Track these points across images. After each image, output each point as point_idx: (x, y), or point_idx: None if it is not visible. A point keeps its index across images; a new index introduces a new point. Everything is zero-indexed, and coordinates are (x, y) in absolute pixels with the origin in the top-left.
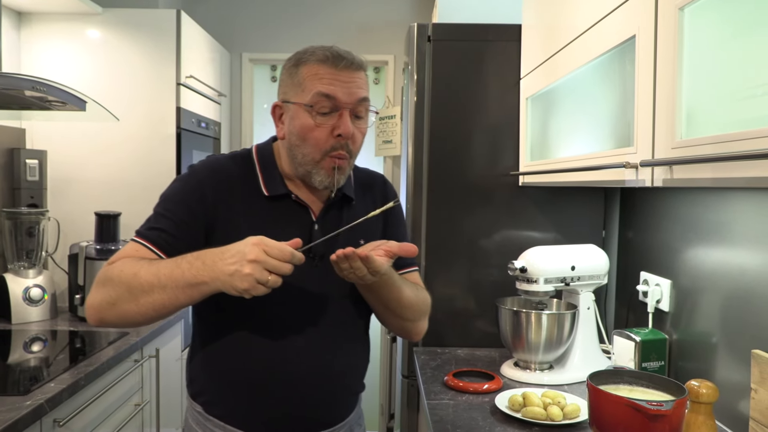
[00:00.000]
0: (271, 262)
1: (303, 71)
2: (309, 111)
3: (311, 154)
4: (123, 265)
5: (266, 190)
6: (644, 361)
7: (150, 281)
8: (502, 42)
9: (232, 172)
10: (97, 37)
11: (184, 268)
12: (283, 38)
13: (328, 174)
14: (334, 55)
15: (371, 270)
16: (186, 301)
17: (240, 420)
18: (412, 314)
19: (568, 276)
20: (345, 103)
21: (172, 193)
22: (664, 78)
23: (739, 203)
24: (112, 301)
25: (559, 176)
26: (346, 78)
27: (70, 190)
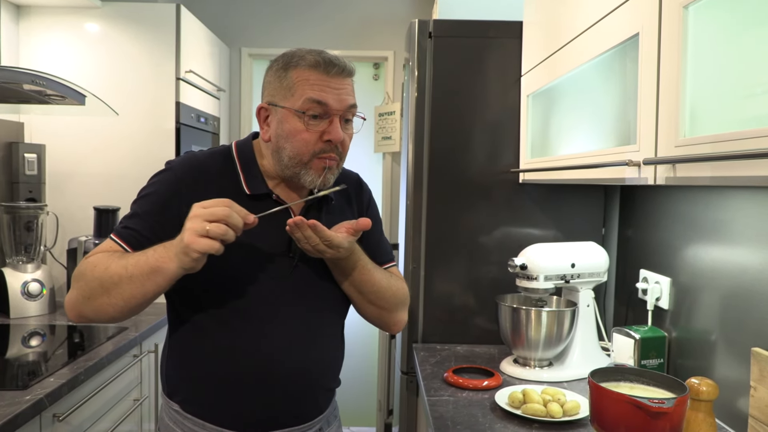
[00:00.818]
0: (210, 210)
1: (293, 75)
2: (300, 116)
3: (300, 156)
4: (96, 260)
5: (248, 188)
6: (643, 359)
7: (119, 273)
8: (503, 39)
9: (211, 169)
10: (97, 31)
11: (149, 255)
12: (283, 33)
13: (318, 173)
14: (325, 61)
15: (324, 240)
16: (154, 289)
17: (217, 417)
18: (387, 302)
19: (568, 273)
20: (336, 109)
21: (148, 191)
22: (668, 76)
23: (739, 201)
24: (87, 295)
25: (560, 174)
26: (337, 85)
27: (68, 184)
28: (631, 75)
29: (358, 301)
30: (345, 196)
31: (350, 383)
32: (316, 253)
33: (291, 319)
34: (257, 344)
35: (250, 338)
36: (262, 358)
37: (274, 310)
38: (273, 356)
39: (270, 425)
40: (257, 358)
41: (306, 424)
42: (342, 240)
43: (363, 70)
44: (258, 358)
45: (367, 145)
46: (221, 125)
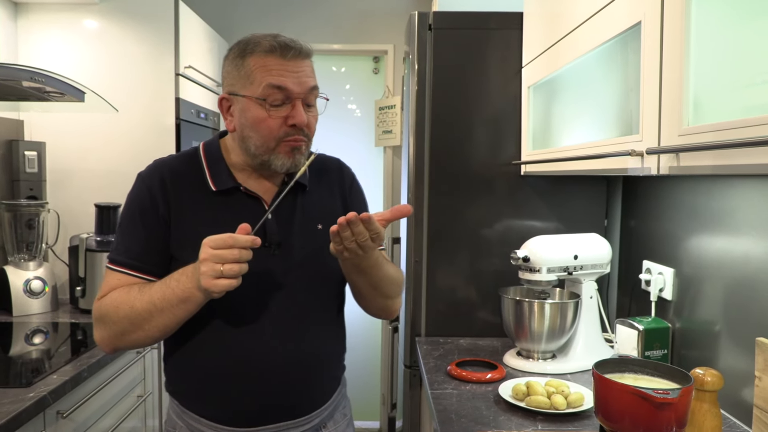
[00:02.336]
0: (218, 253)
1: (250, 62)
2: (261, 104)
3: (266, 143)
4: (114, 301)
5: (213, 185)
6: (647, 350)
7: (148, 309)
8: (503, 30)
9: (178, 171)
10: (95, 27)
11: (173, 287)
12: (282, 28)
13: (287, 156)
14: (281, 45)
15: (372, 234)
16: (185, 316)
17: (210, 413)
18: (394, 291)
19: (570, 265)
20: (297, 93)
21: (127, 209)
22: (671, 65)
23: (743, 190)
24: (119, 333)
25: (562, 165)
26: (295, 68)
27: (69, 181)
28: (632, 65)
29: (368, 296)
30: (324, 181)
31: (353, 377)
32: (356, 251)
33: (275, 311)
34: (241, 338)
35: (234, 333)
36: (246, 352)
37: (255, 302)
38: (258, 350)
39: (263, 420)
40: (242, 352)
41: (301, 419)
42: (383, 233)
43: (363, 64)
44: (243, 352)
45: (368, 140)
46: (221, 121)
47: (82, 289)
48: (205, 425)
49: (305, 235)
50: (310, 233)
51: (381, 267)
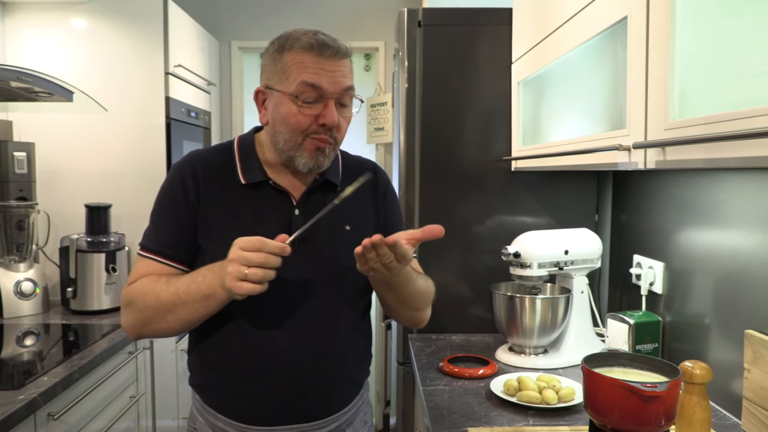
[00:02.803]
0: (246, 255)
1: (287, 58)
2: (294, 100)
3: (293, 138)
4: (143, 288)
5: (243, 178)
6: (638, 344)
7: (172, 300)
8: (493, 26)
9: (211, 163)
10: (83, 26)
11: (198, 281)
12: (273, 25)
13: (311, 156)
14: (319, 43)
15: (398, 256)
16: (207, 312)
17: (228, 410)
18: (424, 304)
19: (561, 260)
20: (330, 92)
21: (161, 197)
22: (657, 59)
23: (731, 184)
24: (144, 321)
25: (552, 160)
26: (332, 67)
27: (59, 182)
28: (621, 59)
29: (396, 308)
30: None
31: None
32: (382, 270)
33: (295, 310)
34: (259, 336)
35: (253, 330)
36: (264, 350)
37: (276, 300)
38: (276, 349)
39: (279, 420)
40: (260, 350)
41: (318, 422)
42: (411, 254)
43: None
44: (260, 350)
45: (359, 137)
46: (212, 119)
47: (73, 290)
48: (222, 422)
49: (332, 235)
50: (337, 233)
51: (410, 282)
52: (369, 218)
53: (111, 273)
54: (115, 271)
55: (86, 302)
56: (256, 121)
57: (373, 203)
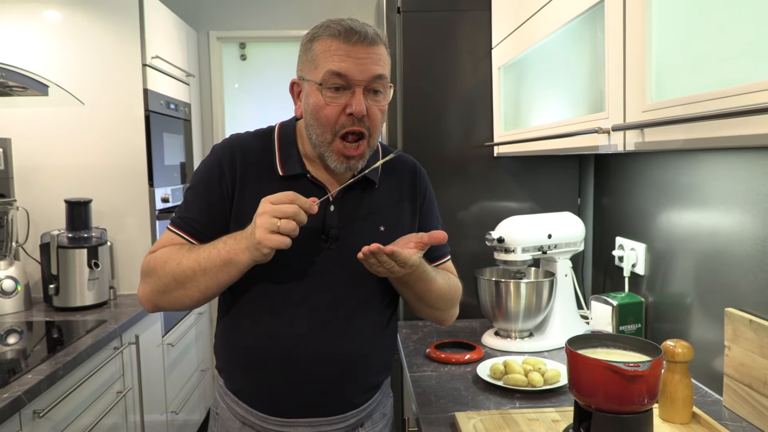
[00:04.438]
0: (279, 207)
1: (316, 47)
2: (320, 89)
3: (323, 134)
4: (165, 255)
5: (281, 169)
6: (621, 325)
7: (192, 267)
8: (472, 11)
9: (250, 149)
10: (57, 18)
11: (219, 247)
12: (252, 14)
13: (340, 161)
14: (346, 29)
15: (399, 263)
16: (227, 280)
17: (248, 398)
18: (444, 304)
19: (545, 244)
20: (358, 80)
21: (197, 177)
22: (634, 42)
23: (709, 165)
24: (162, 289)
25: (533, 145)
26: (360, 54)
27: (37, 178)
28: (599, 43)
29: (414, 305)
30: (395, 181)
31: None
32: (387, 274)
33: (322, 305)
34: (284, 327)
35: (278, 321)
36: (286, 343)
37: (303, 293)
38: (297, 342)
39: (298, 413)
40: (281, 343)
41: (335, 417)
42: (415, 259)
43: None
44: (282, 343)
45: None
46: (192, 111)
47: (56, 286)
48: (243, 409)
49: (365, 233)
50: (371, 233)
51: (426, 281)
52: (405, 220)
53: (93, 268)
54: (97, 267)
55: (69, 298)
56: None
57: (411, 205)
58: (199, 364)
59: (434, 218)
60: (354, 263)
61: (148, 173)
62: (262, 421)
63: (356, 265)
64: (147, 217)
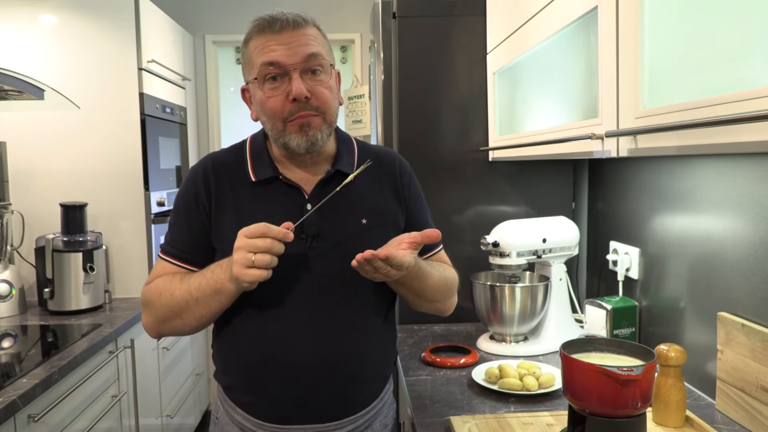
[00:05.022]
0: (252, 242)
1: (250, 47)
2: (260, 85)
3: (275, 125)
4: (159, 287)
5: (254, 175)
6: (616, 329)
7: (185, 298)
8: (467, 17)
9: (222, 162)
10: (53, 22)
11: (208, 277)
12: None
13: (299, 134)
14: (268, 21)
15: (395, 266)
16: (218, 308)
17: (248, 405)
18: (442, 296)
19: (539, 248)
20: (290, 64)
21: (176, 200)
22: (627, 48)
23: (702, 170)
24: (161, 320)
25: (528, 150)
26: (288, 39)
27: (32, 181)
28: (594, 48)
29: (413, 302)
30: (375, 173)
31: None
32: (383, 278)
33: (311, 307)
34: (274, 332)
35: (268, 326)
36: (278, 346)
37: (290, 296)
38: (289, 345)
39: (294, 419)
40: (273, 346)
41: (332, 423)
42: (410, 260)
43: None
44: (274, 346)
45: None
46: (188, 115)
47: (51, 290)
48: (240, 415)
49: (347, 228)
50: (353, 227)
51: (423, 278)
52: (388, 212)
53: (89, 272)
54: (93, 270)
55: (64, 302)
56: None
57: (394, 196)
58: (194, 367)
59: (422, 210)
60: (340, 258)
61: (144, 177)
62: (259, 428)
63: (342, 260)
64: (142, 220)
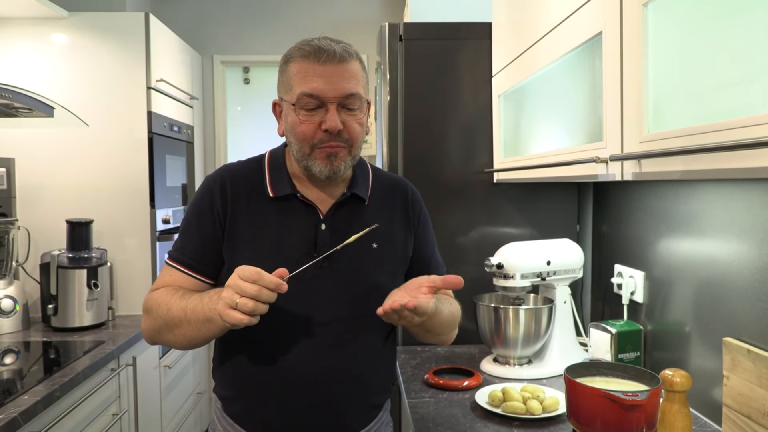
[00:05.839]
0: (241, 284)
1: (291, 69)
2: (296, 110)
3: (302, 148)
4: (160, 298)
5: (271, 190)
6: (620, 353)
7: (179, 316)
8: (473, 40)
9: (240, 175)
10: (64, 41)
11: (204, 302)
12: (255, 39)
13: (324, 163)
14: (315, 49)
15: (419, 314)
16: (210, 335)
17: (243, 420)
18: (448, 330)
19: (544, 271)
20: (330, 98)
21: (190, 208)
22: (631, 73)
23: (707, 194)
24: (156, 329)
25: (533, 172)
26: (331, 72)
27: (40, 197)
28: (598, 73)
29: (419, 334)
30: (387, 200)
31: None
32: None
33: (315, 326)
34: (277, 349)
35: (266, 341)
36: (282, 365)
37: (295, 314)
38: (292, 363)
39: None
40: (277, 365)
41: None
42: (431, 306)
43: None
44: (278, 365)
45: None
46: (195, 134)
47: (54, 306)
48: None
49: (358, 252)
50: (364, 251)
51: (436, 316)
52: (398, 238)
53: (93, 289)
54: (96, 287)
55: (67, 319)
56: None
57: (403, 225)
58: (196, 386)
59: (430, 240)
60: (347, 280)
61: (150, 194)
62: None
63: (349, 282)
64: (147, 238)
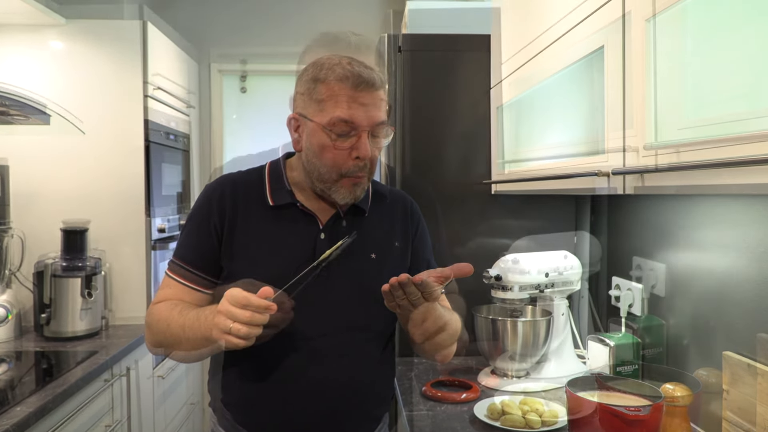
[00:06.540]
0: (231, 310)
1: (322, 90)
2: (328, 133)
3: (329, 174)
4: (160, 313)
5: (271, 199)
6: (618, 365)
7: (178, 333)
8: (472, 52)
9: (240, 184)
10: (61, 48)
11: (202, 320)
12: (252, 48)
13: (348, 191)
14: (354, 75)
15: (425, 294)
16: (207, 353)
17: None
18: (450, 340)
19: (542, 283)
20: (364, 126)
21: (188, 218)
22: (633, 87)
23: (706, 208)
24: (158, 343)
25: (531, 185)
26: (365, 99)
27: (34, 204)
28: (599, 85)
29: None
30: (386, 211)
31: None
32: (408, 307)
33: (314, 334)
34: (273, 355)
35: (267, 349)
36: (277, 371)
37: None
38: (290, 371)
39: None
40: (273, 371)
41: None
42: (439, 291)
43: None
44: (273, 371)
45: None
46: (192, 142)
47: (48, 315)
48: None
49: (357, 262)
50: (362, 261)
51: (439, 320)
52: (396, 250)
53: (87, 298)
54: (91, 296)
55: (61, 327)
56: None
57: (403, 235)
58: (189, 397)
59: (427, 251)
60: (345, 290)
61: (146, 203)
62: None
63: (347, 291)
64: (143, 246)
